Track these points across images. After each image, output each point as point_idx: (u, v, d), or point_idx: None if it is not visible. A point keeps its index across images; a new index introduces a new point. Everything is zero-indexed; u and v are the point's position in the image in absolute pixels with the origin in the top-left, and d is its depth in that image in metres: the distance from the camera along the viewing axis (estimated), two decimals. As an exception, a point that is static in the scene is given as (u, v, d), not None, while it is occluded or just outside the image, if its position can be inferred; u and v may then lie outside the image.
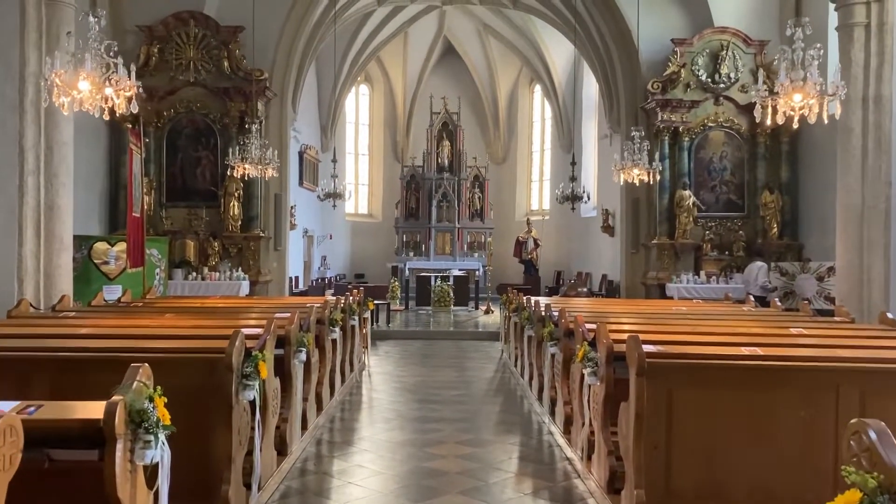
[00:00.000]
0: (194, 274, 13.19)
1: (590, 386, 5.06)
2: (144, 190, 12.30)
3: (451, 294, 17.33)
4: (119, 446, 2.54)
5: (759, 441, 4.09)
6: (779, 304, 9.21)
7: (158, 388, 2.75)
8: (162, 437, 2.67)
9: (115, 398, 2.56)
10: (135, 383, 2.67)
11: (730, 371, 4.23)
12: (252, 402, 4.32)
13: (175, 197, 13.58)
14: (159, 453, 2.67)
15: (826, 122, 5.79)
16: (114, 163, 13.21)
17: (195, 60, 13.30)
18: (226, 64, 13.32)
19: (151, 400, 2.67)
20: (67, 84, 5.21)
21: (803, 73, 5.42)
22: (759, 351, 4.62)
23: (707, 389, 4.14)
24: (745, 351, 4.61)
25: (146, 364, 2.81)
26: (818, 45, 5.66)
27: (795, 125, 5.87)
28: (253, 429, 4.42)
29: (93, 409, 2.63)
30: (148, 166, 12.96)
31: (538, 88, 23.24)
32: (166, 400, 2.75)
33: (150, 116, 13.17)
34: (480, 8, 19.86)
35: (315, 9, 14.39)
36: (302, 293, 16.42)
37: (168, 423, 2.70)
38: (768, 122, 5.75)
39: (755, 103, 6.13)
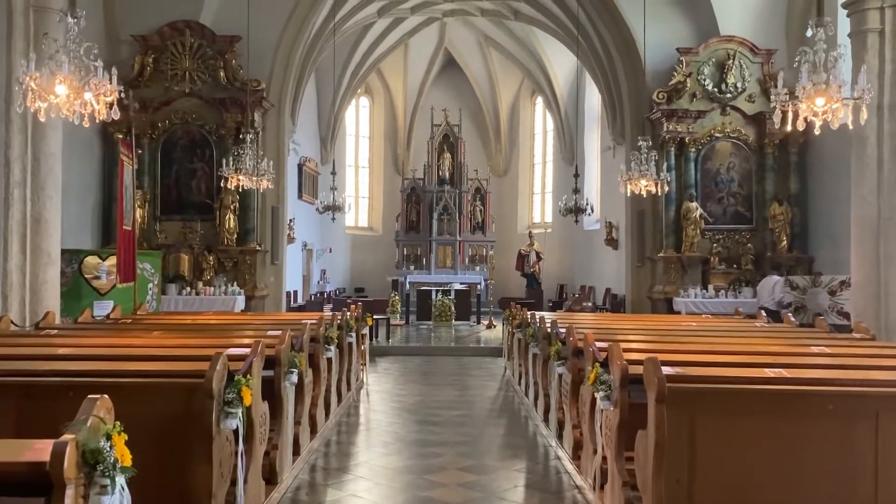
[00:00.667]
0: (188, 289, 12.86)
1: (602, 410, 4.70)
2: (138, 203, 12.00)
3: (453, 308, 16.99)
4: (69, 493, 2.20)
5: (790, 473, 3.74)
6: (792, 319, 8.86)
7: (118, 423, 2.41)
8: (121, 480, 2.33)
9: (64, 437, 2.22)
10: (90, 419, 2.33)
11: (758, 396, 3.89)
12: (235, 431, 3.97)
13: (169, 210, 13.27)
14: (118, 499, 2.32)
15: (851, 127, 5.47)
16: (107, 175, 12.91)
17: (191, 70, 13.04)
18: (222, 74, 13.06)
19: (109, 438, 2.33)
20: (44, 88, 4.91)
21: (825, 76, 5.11)
22: (785, 373, 4.28)
23: (733, 416, 3.80)
24: (769, 373, 4.27)
25: (105, 395, 2.47)
26: (841, 45, 5.37)
27: (817, 131, 5.55)
28: (236, 455, 4.07)
29: (43, 449, 2.29)
30: (142, 178, 12.69)
31: (540, 100, 23.01)
32: (127, 437, 2.40)
33: (145, 127, 12.91)
34: (481, 19, 19.67)
35: (313, 19, 14.13)
36: (300, 308, 16.07)
37: (128, 464, 2.36)
38: (788, 128, 5.43)
39: (768, 110, 5.85)
